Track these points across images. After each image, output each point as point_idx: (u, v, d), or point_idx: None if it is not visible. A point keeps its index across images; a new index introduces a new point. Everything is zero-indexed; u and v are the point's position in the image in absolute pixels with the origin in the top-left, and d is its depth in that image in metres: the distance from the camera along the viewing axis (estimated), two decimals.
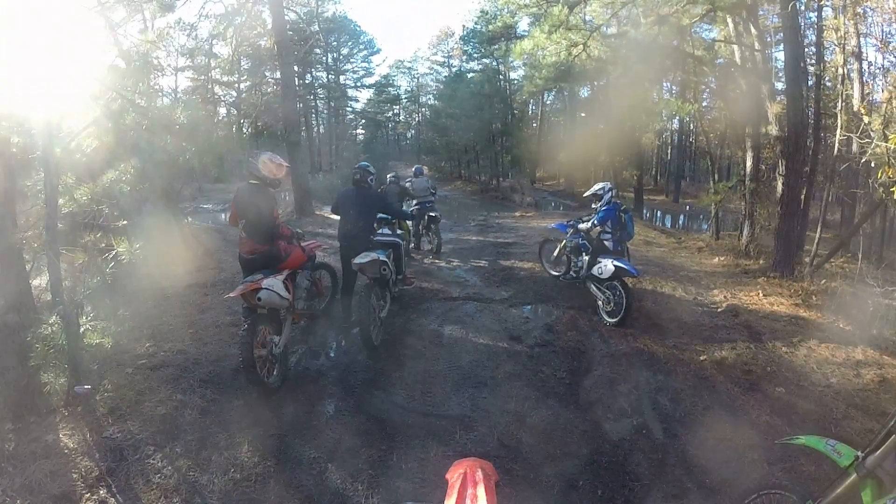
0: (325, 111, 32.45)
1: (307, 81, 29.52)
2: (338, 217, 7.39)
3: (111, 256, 5.12)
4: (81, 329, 4.91)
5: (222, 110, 25.83)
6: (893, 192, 9.02)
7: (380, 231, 7.56)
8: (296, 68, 24.76)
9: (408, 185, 12.19)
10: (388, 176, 12.11)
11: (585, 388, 5.85)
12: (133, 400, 5.09)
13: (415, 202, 12.09)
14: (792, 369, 6.61)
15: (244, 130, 24.44)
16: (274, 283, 5.41)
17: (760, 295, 9.45)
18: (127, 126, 5.29)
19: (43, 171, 4.64)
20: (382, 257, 6.65)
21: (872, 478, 2.79)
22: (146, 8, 12.08)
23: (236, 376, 5.54)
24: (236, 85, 26.08)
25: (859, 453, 2.88)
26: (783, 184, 11.57)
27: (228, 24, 20.12)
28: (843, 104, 13.83)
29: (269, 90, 25.85)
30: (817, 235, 12.47)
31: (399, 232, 9.29)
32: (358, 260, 6.47)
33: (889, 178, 9.47)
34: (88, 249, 5.00)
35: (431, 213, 11.77)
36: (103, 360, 5.68)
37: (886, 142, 10.13)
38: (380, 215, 7.60)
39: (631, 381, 6.04)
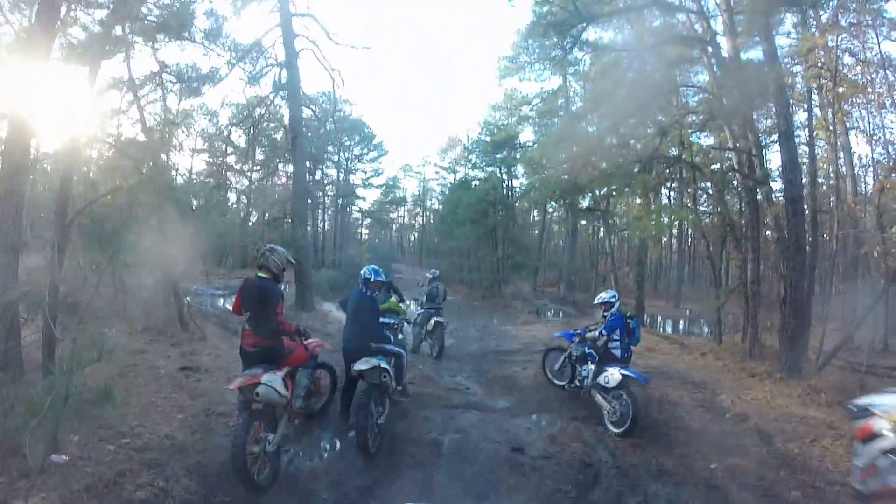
0: (332, 208, 32.97)
1: (317, 178, 30.12)
2: (341, 314, 7.40)
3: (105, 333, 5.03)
4: (69, 400, 4.71)
5: (232, 196, 26.30)
6: None
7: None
8: (308, 164, 25.32)
9: (430, 289, 12.18)
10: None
11: (592, 503, 5.63)
12: (111, 480, 4.78)
13: (426, 307, 12.00)
14: (807, 471, 6.46)
15: (250, 220, 24.74)
16: (273, 380, 5.37)
17: (769, 397, 9.40)
18: (140, 202, 5.36)
19: (54, 231, 4.62)
20: (384, 364, 6.62)
21: None
22: (173, 90, 12.49)
23: (224, 470, 5.27)
24: (249, 174, 26.63)
25: None
26: (785, 285, 11.71)
27: (248, 115, 20.78)
28: (838, 199, 14.37)
29: (280, 182, 26.37)
30: (822, 332, 12.38)
31: (400, 337, 9.23)
32: (358, 366, 6.48)
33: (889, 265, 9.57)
34: (84, 319, 4.91)
35: (439, 319, 11.74)
36: (85, 432, 5.41)
37: (883, 232, 10.34)
38: (382, 320, 7.57)
39: (639, 494, 5.83)
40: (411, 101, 55.83)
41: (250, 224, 23.31)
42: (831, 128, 14.90)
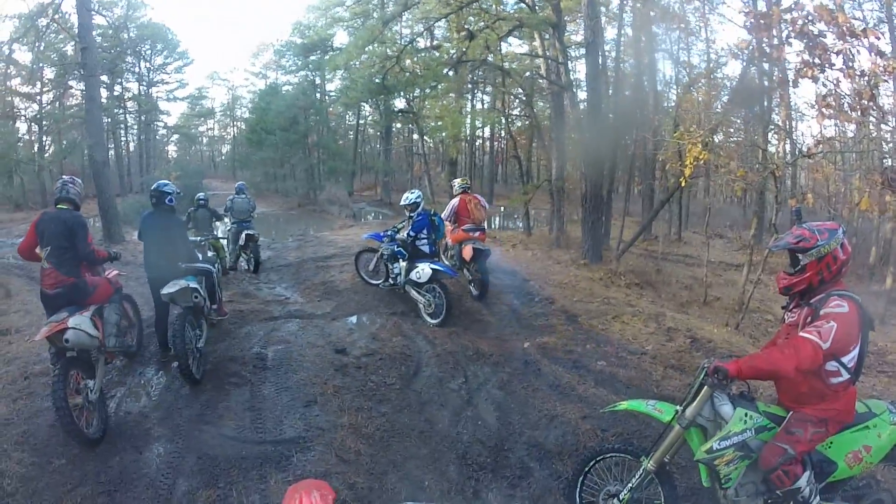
0: (136, 126, 30.08)
1: (116, 94, 27.07)
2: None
3: None
4: None
5: (22, 126, 22.96)
6: (681, 181, 10.63)
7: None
8: (104, 79, 22.68)
9: (229, 202, 11.86)
10: (197, 197, 11.39)
11: (416, 391, 6.09)
12: None
13: (232, 222, 11.81)
14: (610, 343, 7.39)
15: (45, 149, 22.01)
16: (81, 322, 4.99)
17: (574, 281, 10.40)
18: None
19: None
20: (193, 284, 6.32)
21: (695, 426, 3.28)
22: None
23: (54, 433, 4.95)
24: (38, 97, 23.30)
25: (678, 408, 3.33)
26: (585, 182, 13.11)
27: (31, 27, 17.94)
28: (640, 110, 15.96)
29: (74, 103, 23.46)
30: (622, 224, 14.33)
31: (210, 255, 8.98)
32: (167, 290, 6.11)
33: (679, 168, 11.15)
34: None
35: (249, 232, 11.53)
36: None
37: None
38: (191, 238, 7.27)
39: (459, 377, 6.40)
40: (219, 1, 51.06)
41: (46, 156, 20.69)
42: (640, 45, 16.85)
